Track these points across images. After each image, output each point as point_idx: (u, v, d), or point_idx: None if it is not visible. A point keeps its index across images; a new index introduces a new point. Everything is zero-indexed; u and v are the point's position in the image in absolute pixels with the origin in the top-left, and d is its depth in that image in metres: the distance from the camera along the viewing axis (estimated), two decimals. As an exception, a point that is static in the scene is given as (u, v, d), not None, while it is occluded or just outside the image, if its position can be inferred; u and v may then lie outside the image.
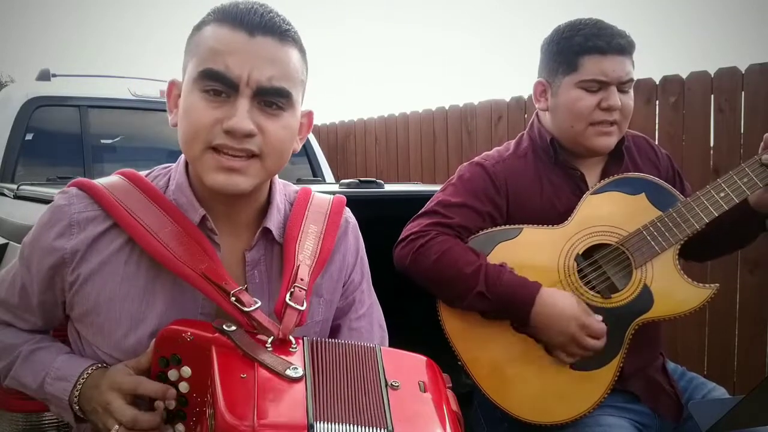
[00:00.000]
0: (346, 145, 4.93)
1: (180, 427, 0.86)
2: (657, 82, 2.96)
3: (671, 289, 1.30)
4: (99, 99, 2.88)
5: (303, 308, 0.88)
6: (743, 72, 2.68)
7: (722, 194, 1.30)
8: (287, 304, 0.88)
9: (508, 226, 1.39)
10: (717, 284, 1.30)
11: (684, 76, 2.87)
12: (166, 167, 1.00)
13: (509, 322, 1.36)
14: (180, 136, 0.90)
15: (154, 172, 0.99)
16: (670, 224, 1.30)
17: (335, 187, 1.96)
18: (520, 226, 1.37)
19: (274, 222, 0.97)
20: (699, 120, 2.81)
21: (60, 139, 2.90)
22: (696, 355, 2.84)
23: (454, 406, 0.85)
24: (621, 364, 1.31)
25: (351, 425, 0.75)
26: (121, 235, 0.91)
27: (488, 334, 1.36)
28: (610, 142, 1.37)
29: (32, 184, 2.17)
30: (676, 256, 1.31)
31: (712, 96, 2.77)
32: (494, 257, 1.35)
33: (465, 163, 1.49)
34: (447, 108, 4.09)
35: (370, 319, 1.09)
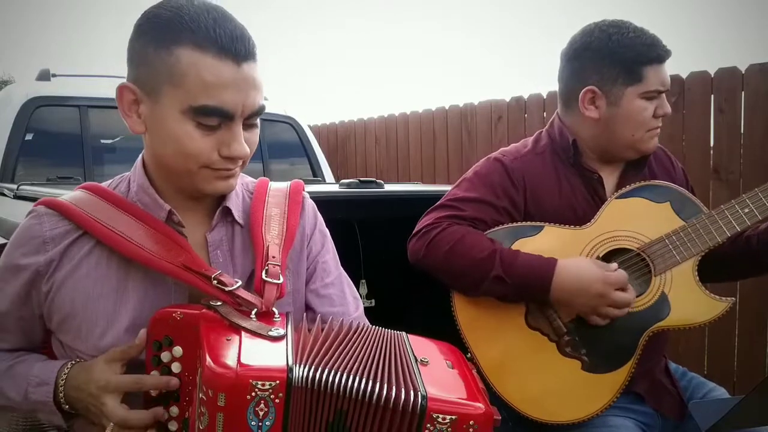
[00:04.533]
0: (346, 145, 4.93)
1: (174, 408, 0.88)
2: (657, 82, 2.96)
3: (689, 299, 1.30)
4: (99, 99, 2.87)
5: (280, 281, 0.94)
6: (743, 72, 2.68)
7: (746, 210, 1.30)
8: (265, 281, 0.93)
9: (529, 223, 1.38)
10: (733, 298, 1.30)
11: (684, 76, 2.87)
12: (122, 176, 1.03)
13: (523, 317, 1.35)
14: (165, 155, 0.93)
15: (113, 182, 1.03)
16: (693, 235, 1.31)
17: (335, 187, 1.96)
18: (542, 223, 1.37)
19: (233, 203, 1.01)
20: (699, 120, 2.81)
21: (60, 139, 2.90)
22: (696, 355, 2.84)
23: (482, 385, 0.87)
24: (633, 369, 1.31)
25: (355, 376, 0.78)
26: (90, 240, 0.94)
27: (501, 327, 1.36)
28: (657, 142, 1.42)
29: (32, 184, 2.18)
30: (696, 268, 1.31)
31: (712, 96, 2.77)
32: None
33: (482, 159, 1.48)
34: (447, 108, 4.09)
35: (341, 287, 1.11)
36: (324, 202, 1.16)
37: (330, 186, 2.36)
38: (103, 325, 0.93)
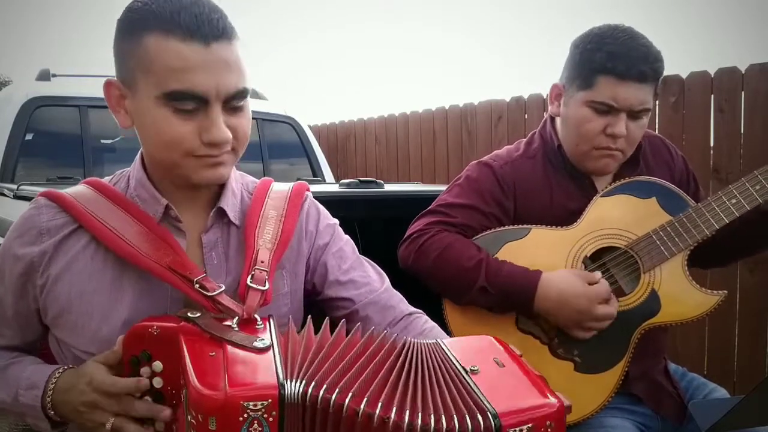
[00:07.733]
0: (346, 145, 4.93)
1: (159, 424, 0.86)
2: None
3: (679, 294, 1.30)
4: (99, 99, 2.83)
5: (265, 288, 0.91)
6: (743, 72, 2.68)
7: (733, 201, 1.28)
8: (249, 287, 0.91)
9: (516, 226, 1.38)
10: (725, 291, 1.29)
11: (684, 76, 2.87)
12: (122, 171, 1.03)
13: (513, 321, 1.35)
14: (150, 145, 0.93)
15: (114, 177, 1.03)
16: (680, 229, 1.30)
17: (335, 187, 1.96)
18: (529, 226, 1.37)
19: (228, 203, 1.00)
20: (699, 120, 2.81)
21: (60, 139, 2.90)
22: (696, 355, 2.84)
23: (538, 371, 0.82)
24: (626, 368, 1.31)
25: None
26: (86, 234, 0.94)
27: (492, 332, 1.34)
28: (611, 165, 1.36)
29: (32, 184, 2.17)
30: (685, 262, 1.31)
31: (712, 96, 2.77)
32: (501, 257, 1.34)
33: (473, 162, 1.47)
34: (447, 108, 4.08)
35: (362, 268, 1.10)
36: (324, 202, 1.16)
37: (330, 186, 2.36)
38: (99, 319, 0.92)
